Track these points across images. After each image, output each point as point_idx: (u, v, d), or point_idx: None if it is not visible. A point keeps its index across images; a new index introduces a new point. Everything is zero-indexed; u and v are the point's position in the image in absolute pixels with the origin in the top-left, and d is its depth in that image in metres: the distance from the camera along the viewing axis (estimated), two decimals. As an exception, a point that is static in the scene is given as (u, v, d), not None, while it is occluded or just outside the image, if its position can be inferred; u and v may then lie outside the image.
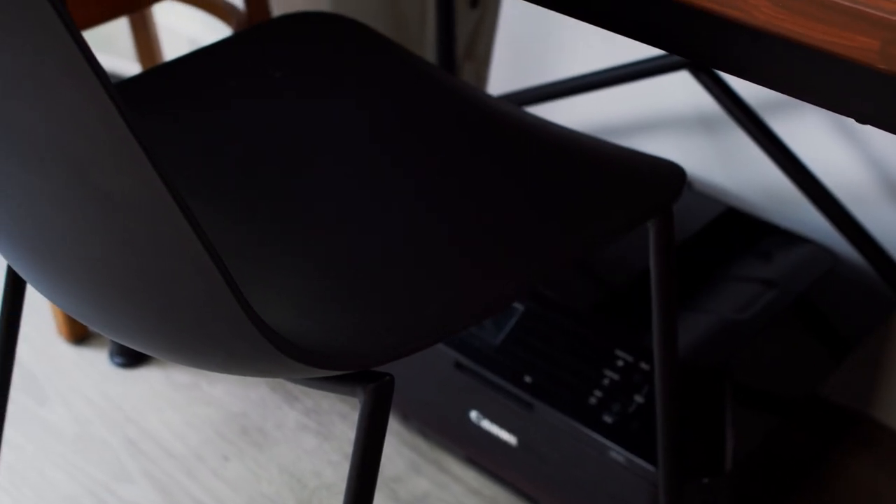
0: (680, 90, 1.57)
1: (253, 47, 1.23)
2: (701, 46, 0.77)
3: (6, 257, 0.93)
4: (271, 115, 1.10)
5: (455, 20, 1.74)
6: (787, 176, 1.39)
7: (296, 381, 0.87)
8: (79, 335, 1.71)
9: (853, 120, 0.72)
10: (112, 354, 1.68)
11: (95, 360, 1.68)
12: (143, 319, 0.81)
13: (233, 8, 1.87)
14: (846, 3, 0.65)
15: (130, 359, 1.68)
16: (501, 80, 1.82)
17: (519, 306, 1.38)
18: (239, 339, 0.77)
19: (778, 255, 1.42)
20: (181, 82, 1.17)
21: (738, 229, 1.47)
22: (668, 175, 1.00)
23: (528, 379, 1.33)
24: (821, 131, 1.45)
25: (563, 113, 1.72)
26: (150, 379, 1.66)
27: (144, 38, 2.07)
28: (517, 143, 1.05)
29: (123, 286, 0.79)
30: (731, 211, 1.49)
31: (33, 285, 0.93)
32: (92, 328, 0.90)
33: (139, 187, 0.71)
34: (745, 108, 1.39)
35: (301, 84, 1.16)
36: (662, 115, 1.61)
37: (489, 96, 1.14)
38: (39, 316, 1.75)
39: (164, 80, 1.17)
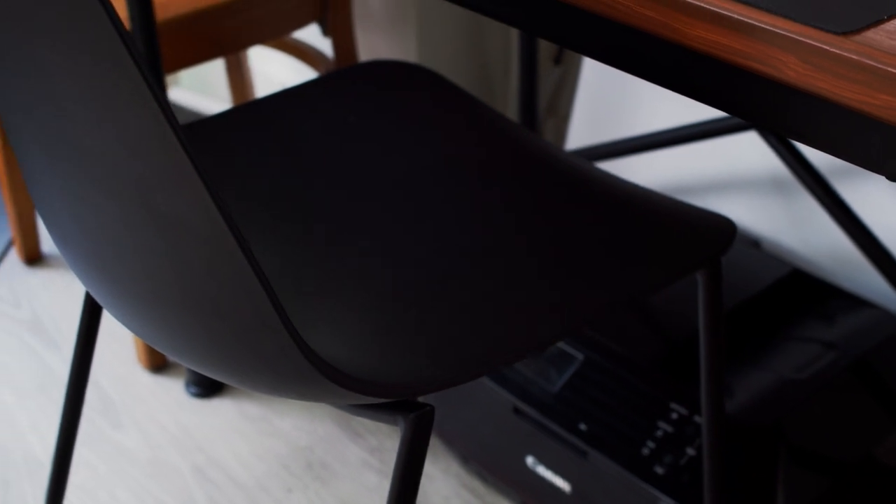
0: (751, 150, 1.59)
1: (332, 91, 1.28)
2: (741, 103, 0.79)
3: (83, 282, 0.98)
4: (339, 156, 1.14)
5: (538, 76, 1.78)
6: (852, 240, 1.40)
7: (340, 407, 0.91)
8: (157, 364, 1.77)
9: None
10: (187, 384, 1.74)
11: (171, 389, 1.74)
12: (198, 339, 0.86)
13: (322, 55, 1.94)
14: (869, 62, 0.67)
15: (205, 389, 1.73)
16: (580, 134, 1.85)
17: (578, 355, 1.40)
18: (284, 361, 0.81)
19: (841, 317, 1.43)
20: (260, 120, 1.22)
21: (802, 290, 1.48)
22: (719, 228, 1.03)
23: (583, 427, 1.36)
24: (887, 196, 1.46)
25: (639, 168, 1.75)
26: (222, 410, 1.71)
27: (238, 81, 2.14)
28: (573, 191, 1.09)
29: (180, 305, 0.84)
30: (796, 272, 1.50)
31: (105, 307, 0.98)
32: (153, 346, 0.95)
33: (197, 212, 0.76)
34: (811, 169, 1.40)
35: (373, 128, 1.20)
36: (734, 174, 1.63)
37: (553, 147, 1.18)
38: (121, 344, 1.82)
39: (245, 118, 1.23)
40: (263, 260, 0.99)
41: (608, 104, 1.81)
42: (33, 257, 2.01)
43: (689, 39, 0.76)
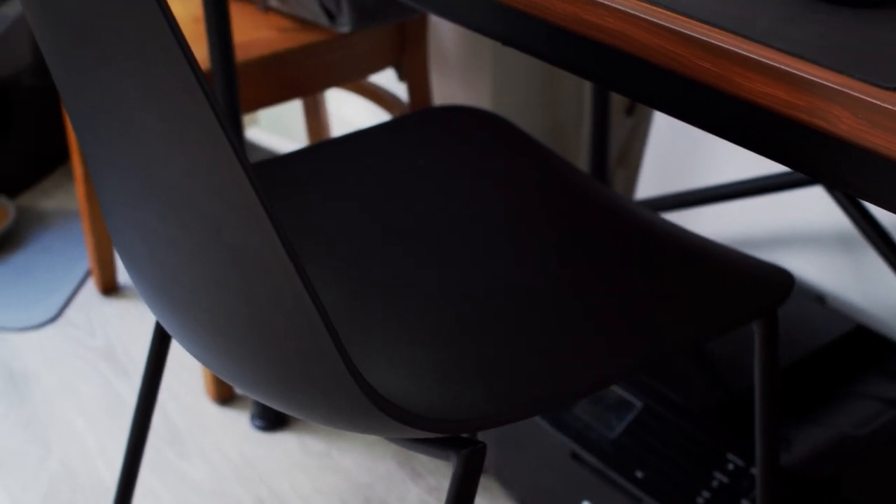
0: (818, 204, 1.59)
1: (402, 134, 1.31)
2: (798, 156, 0.81)
3: (153, 311, 1.02)
4: (405, 197, 1.17)
5: (610, 127, 1.80)
6: (917, 297, 1.40)
7: (393, 441, 0.93)
8: (224, 396, 1.81)
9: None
10: (253, 417, 1.77)
11: (237, 421, 1.77)
12: (259, 367, 0.88)
13: (397, 99, 1.97)
14: (919, 120, 0.68)
15: (269, 423, 1.76)
16: (650, 184, 1.87)
17: (637, 402, 1.41)
18: (340, 393, 0.83)
19: (903, 375, 1.43)
20: (330, 159, 1.25)
21: (865, 347, 1.48)
22: (776, 279, 1.04)
23: (639, 474, 1.36)
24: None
25: (708, 220, 1.76)
26: (285, 444, 1.73)
27: (315, 122, 2.19)
28: (633, 238, 1.10)
29: (243, 335, 0.87)
30: (860, 328, 1.50)
31: (173, 336, 1.02)
32: (215, 373, 0.98)
33: (261, 245, 0.79)
34: (876, 224, 1.40)
35: (441, 172, 1.23)
36: (801, 228, 1.64)
37: (618, 195, 1.19)
38: (190, 375, 1.86)
39: (316, 157, 1.26)
40: (326, 294, 1.02)
41: (678, 155, 1.82)
42: (109, 288, 2.06)
43: (746, 92, 0.78)
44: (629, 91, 0.90)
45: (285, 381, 0.87)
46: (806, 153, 0.78)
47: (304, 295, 0.79)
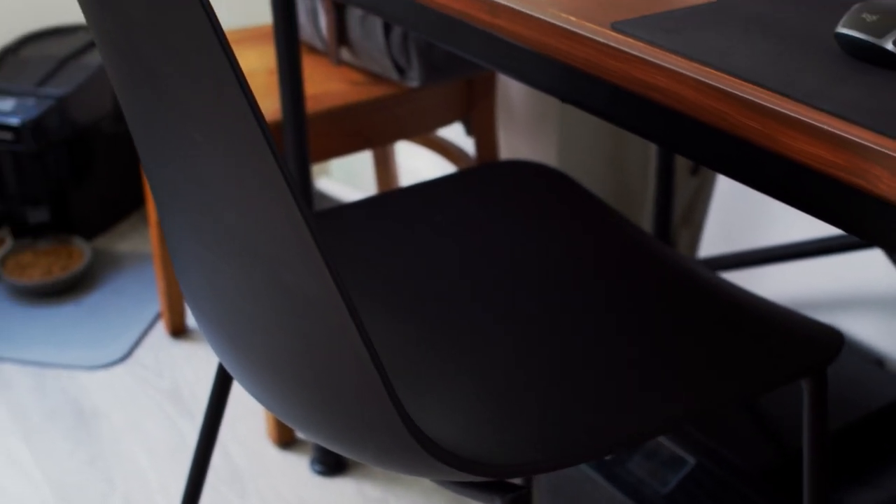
0: (880, 266, 1.59)
1: (465, 187, 1.34)
2: (843, 216, 0.82)
3: (215, 351, 1.05)
4: (466, 247, 1.20)
5: (675, 187, 1.82)
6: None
7: (438, 482, 0.95)
8: (285, 440, 1.84)
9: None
10: (312, 461, 1.79)
11: (297, 465, 1.80)
12: (311, 406, 0.91)
13: (464, 153, 2.01)
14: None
15: (328, 468, 1.78)
16: (713, 243, 1.88)
17: (691, 460, 1.41)
18: (388, 433, 0.85)
19: (961, 441, 1.42)
20: (393, 209, 1.29)
21: (924, 411, 1.47)
22: (826, 339, 1.04)
23: (691, 530, 1.37)
24: None
25: (770, 279, 1.76)
26: (343, 488, 1.76)
27: (385, 174, 2.23)
28: (688, 295, 1.12)
29: (297, 374, 0.90)
30: (919, 392, 1.49)
31: (234, 376, 1.05)
32: (272, 412, 1.01)
33: (317, 289, 0.82)
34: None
35: (501, 225, 1.26)
36: (861, 289, 1.63)
37: (675, 253, 1.21)
38: (254, 418, 1.89)
39: (379, 206, 1.29)
40: (382, 337, 1.05)
41: (742, 215, 1.83)
42: (178, 330, 2.11)
43: (790, 151, 0.79)
44: (679, 147, 0.92)
45: (337, 420, 0.90)
46: (849, 212, 0.80)
47: (356, 338, 0.82)
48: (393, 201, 1.31)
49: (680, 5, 0.97)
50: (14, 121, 2.20)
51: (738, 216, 1.84)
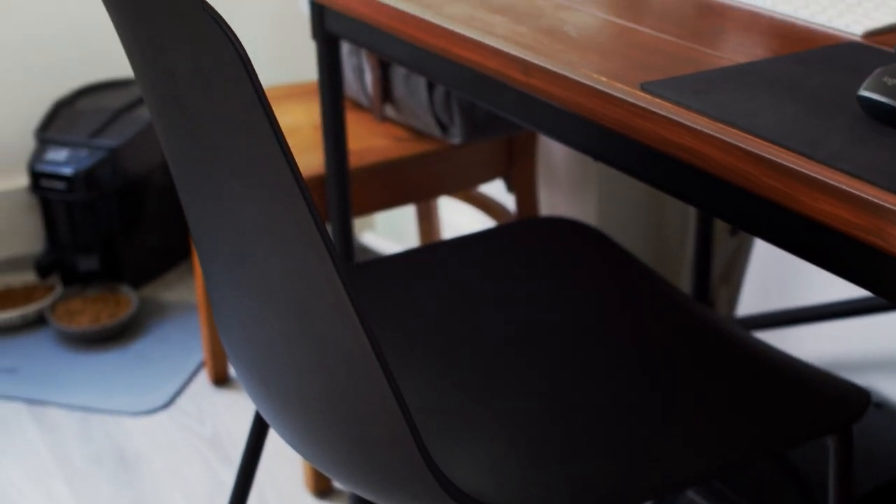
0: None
1: (502, 242, 1.37)
2: (864, 275, 0.84)
3: (251, 398, 1.08)
4: (499, 300, 1.22)
5: (713, 247, 1.83)
6: None
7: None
8: (321, 489, 1.86)
9: None
10: (348, 511, 1.81)
11: (333, 515, 1.82)
12: (341, 452, 0.93)
13: (505, 209, 2.04)
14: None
15: (364, 518, 1.80)
16: (750, 303, 1.89)
17: (722, 516, 1.42)
18: (416, 481, 0.87)
19: None
20: (431, 263, 1.31)
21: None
22: (853, 397, 1.06)
23: (721, 588, 1.37)
24: None
25: (807, 339, 1.77)
26: (378, 539, 1.77)
27: (427, 228, 2.26)
28: (718, 352, 1.13)
29: (327, 420, 0.92)
30: (954, 455, 1.49)
31: (269, 423, 1.07)
32: (304, 457, 1.03)
33: (349, 340, 0.84)
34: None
35: (536, 279, 1.28)
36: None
37: (708, 311, 1.23)
38: (292, 466, 1.91)
39: (417, 260, 1.32)
40: (412, 391, 1.07)
41: (779, 275, 1.84)
42: (221, 379, 2.14)
43: (811, 210, 0.81)
44: (708, 206, 0.94)
45: (364, 466, 0.92)
46: (869, 270, 0.82)
47: (386, 389, 0.84)
48: (431, 254, 1.34)
49: (709, 66, 0.99)
50: (67, 171, 2.26)
51: (776, 276, 1.85)
